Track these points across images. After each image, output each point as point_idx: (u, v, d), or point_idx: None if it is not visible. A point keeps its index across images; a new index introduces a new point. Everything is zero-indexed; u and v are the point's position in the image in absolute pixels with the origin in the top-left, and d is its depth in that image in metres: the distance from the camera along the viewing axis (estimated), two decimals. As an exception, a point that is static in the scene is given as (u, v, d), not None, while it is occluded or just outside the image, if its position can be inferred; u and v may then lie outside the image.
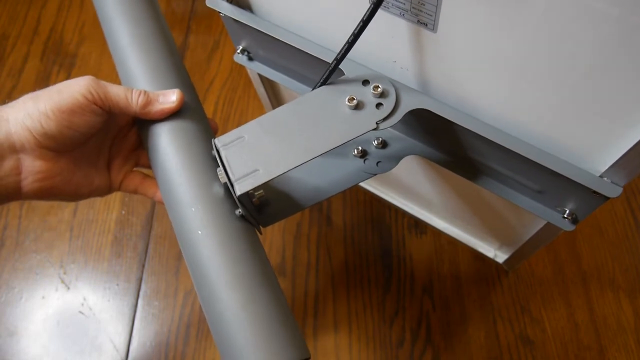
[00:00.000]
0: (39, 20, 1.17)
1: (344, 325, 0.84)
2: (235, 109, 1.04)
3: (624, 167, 0.42)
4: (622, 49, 0.34)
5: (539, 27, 0.36)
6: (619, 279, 0.84)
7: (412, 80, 0.51)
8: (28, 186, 0.45)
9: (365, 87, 0.48)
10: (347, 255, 0.89)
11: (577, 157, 0.46)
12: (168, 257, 0.90)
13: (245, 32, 0.60)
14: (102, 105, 0.45)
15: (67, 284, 0.89)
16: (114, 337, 0.84)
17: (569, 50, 0.37)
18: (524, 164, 0.49)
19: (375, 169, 0.56)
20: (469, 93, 0.48)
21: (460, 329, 0.82)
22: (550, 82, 0.40)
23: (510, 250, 0.80)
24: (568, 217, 0.53)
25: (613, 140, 0.41)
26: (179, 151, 0.47)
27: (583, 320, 0.82)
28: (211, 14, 1.14)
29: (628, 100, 0.38)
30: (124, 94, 0.46)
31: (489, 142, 0.49)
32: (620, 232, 0.88)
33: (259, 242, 0.48)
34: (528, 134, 0.47)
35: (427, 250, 0.89)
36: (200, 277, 0.44)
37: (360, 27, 0.43)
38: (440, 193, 0.76)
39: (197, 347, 0.83)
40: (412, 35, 0.45)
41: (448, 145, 0.56)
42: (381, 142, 0.58)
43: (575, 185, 0.46)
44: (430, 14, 0.41)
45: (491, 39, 0.40)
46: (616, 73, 0.36)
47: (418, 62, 0.48)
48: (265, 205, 0.54)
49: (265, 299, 0.43)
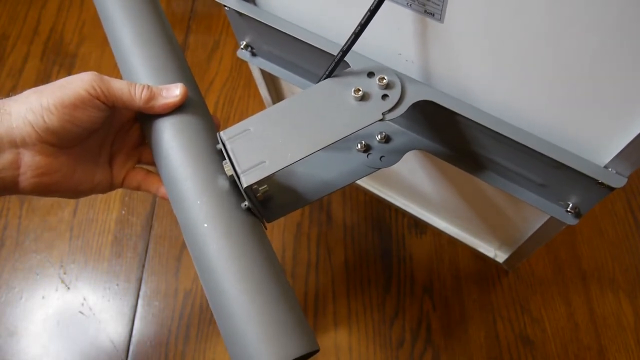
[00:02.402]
0: (39, 20, 1.17)
1: (344, 325, 0.83)
2: (235, 109, 1.04)
3: (629, 157, 0.43)
4: (628, 37, 0.35)
5: (547, 14, 0.37)
6: (619, 279, 0.84)
7: (417, 73, 0.52)
8: (26, 181, 0.44)
9: (371, 79, 0.48)
10: (347, 255, 0.89)
11: (582, 148, 0.46)
12: (168, 257, 0.90)
13: (249, 26, 0.60)
14: (105, 100, 0.45)
15: (67, 284, 0.88)
16: (114, 337, 0.84)
17: (576, 37, 0.37)
18: (528, 156, 0.49)
19: (379, 164, 0.56)
20: (474, 84, 0.48)
21: (460, 329, 0.82)
22: (556, 71, 0.41)
23: (510, 249, 0.80)
24: (571, 210, 0.53)
25: (618, 130, 0.42)
26: (183, 145, 0.47)
27: (583, 320, 0.82)
28: (211, 14, 1.14)
29: (633, 89, 0.38)
30: (127, 88, 0.46)
31: (493, 134, 0.49)
32: (620, 232, 0.88)
33: (265, 235, 0.48)
34: (533, 125, 0.47)
35: (427, 250, 0.89)
36: (206, 271, 0.44)
37: (367, 17, 0.43)
38: (441, 191, 0.77)
39: (197, 347, 0.83)
40: (418, 26, 0.46)
41: (451, 139, 0.56)
42: (384, 136, 0.58)
43: (579, 176, 0.46)
44: (438, 3, 0.41)
45: (499, 28, 0.40)
46: (622, 62, 0.37)
47: (424, 54, 0.49)
48: (269, 200, 0.54)
49: (273, 291, 0.43)
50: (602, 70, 0.38)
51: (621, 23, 0.34)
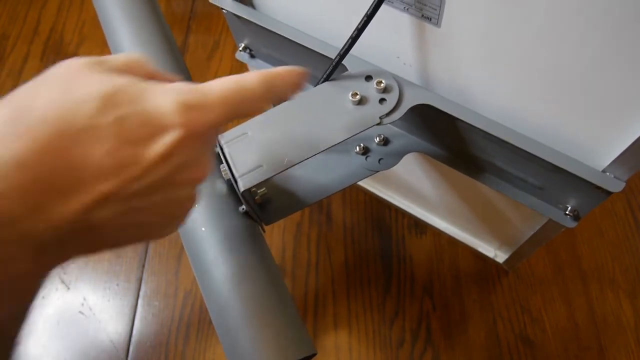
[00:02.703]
0: (39, 20, 1.17)
1: (344, 326, 0.83)
2: (235, 110, 1.04)
3: (627, 161, 0.43)
4: (626, 42, 0.35)
5: (544, 20, 0.37)
6: (619, 279, 0.84)
7: (415, 76, 0.52)
8: None
9: (369, 82, 0.48)
10: (347, 255, 0.89)
11: (580, 152, 0.46)
12: (168, 257, 0.90)
13: (247, 29, 0.60)
14: None
15: (67, 284, 0.88)
16: (114, 337, 0.84)
17: (574, 43, 0.37)
18: (526, 160, 0.49)
19: (377, 166, 0.56)
20: (472, 88, 0.48)
21: (460, 329, 0.82)
22: (554, 76, 0.41)
23: (510, 249, 0.80)
24: (570, 213, 0.53)
25: (616, 134, 0.42)
26: None
27: (583, 320, 0.82)
28: (211, 14, 1.14)
29: (631, 93, 0.38)
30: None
31: (491, 138, 0.49)
32: (620, 233, 0.88)
33: (262, 238, 0.48)
34: (531, 129, 0.47)
35: (427, 250, 0.89)
36: (204, 274, 0.44)
37: (364, 21, 0.43)
38: (441, 192, 0.76)
39: (197, 347, 0.83)
40: (415, 30, 0.45)
41: (450, 142, 0.56)
42: (383, 139, 0.58)
43: (577, 180, 0.46)
44: (435, 7, 0.41)
45: (496, 32, 0.40)
46: (619, 66, 0.37)
47: (421, 58, 0.48)
48: (268, 203, 0.54)
49: (269, 295, 0.43)
50: (600, 75, 0.38)
51: (619, 29, 0.34)
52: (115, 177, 0.26)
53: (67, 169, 0.25)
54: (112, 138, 0.26)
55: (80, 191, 0.25)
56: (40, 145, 0.24)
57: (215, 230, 0.45)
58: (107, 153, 0.26)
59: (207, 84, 0.30)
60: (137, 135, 0.27)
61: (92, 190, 0.26)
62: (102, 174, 0.26)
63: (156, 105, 0.27)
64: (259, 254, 0.45)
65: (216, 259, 0.44)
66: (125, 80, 0.28)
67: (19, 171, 0.24)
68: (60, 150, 0.25)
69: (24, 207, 0.24)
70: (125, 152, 0.26)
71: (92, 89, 0.26)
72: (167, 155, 0.27)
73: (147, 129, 0.27)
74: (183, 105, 0.28)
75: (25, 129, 0.25)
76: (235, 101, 0.31)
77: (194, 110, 0.28)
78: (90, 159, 0.25)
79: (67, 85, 0.27)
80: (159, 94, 0.28)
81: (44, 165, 0.24)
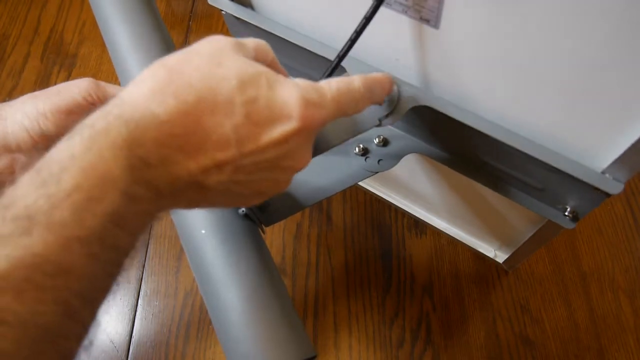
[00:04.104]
0: (39, 21, 1.17)
1: (344, 326, 0.83)
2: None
3: (626, 163, 0.42)
4: (625, 44, 0.35)
5: (542, 22, 0.37)
6: (619, 279, 0.84)
7: (414, 78, 0.52)
8: None
9: (368, 84, 0.48)
10: (347, 255, 0.89)
11: (579, 154, 0.46)
12: (168, 257, 0.90)
13: (246, 31, 0.60)
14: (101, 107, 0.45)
15: (67, 284, 0.88)
16: (114, 337, 0.84)
17: (572, 46, 0.37)
18: (525, 161, 0.49)
19: (377, 167, 0.56)
20: (470, 90, 0.48)
21: (460, 329, 0.82)
22: (553, 78, 0.41)
23: (510, 250, 0.80)
24: (569, 214, 0.53)
25: (615, 136, 0.42)
26: None
27: (583, 320, 0.82)
28: (211, 14, 1.14)
29: (630, 95, 0.38)
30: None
31: (490, 139, 0.49)
32: (620, 233, 0.88)
33: (262, 240, 0.48)
34: (530, 130, 0.47)
35: (427, 250, 0.89)
36: (204, 276, 0.44)
37: (362, 24, 0.43)
38: (441, 192, 0.77)
39: (197, 347, 0.83)
40: (414, 32, 0.46)
41: (449, 143, 0.56)
42: (382, 140, 0.58)
43: (576, 182, 0.46)
44: (433, 10, 0.41)
45: (494, 35, 0.40)
46: (618, 68, 0.37)
47: (420, 60, 0.48)
48: (267, 204, 0.54)
49: (269, 298, 0.43)
50: (599, 77, 0.38)
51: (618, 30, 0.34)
52: (233, 149, 0.30)
53: (197, 133, 0.29)
54: (241, 115, 0.30)
55: (203, 154, 0.30)
56: (184, 108, 0.29)
57: (215, 233, 0.45)
58: (233, 127, 0.30)
59: (324, 83, 0.35)
60: (261, 118, 0.31)
61: (212, 155, 0.30)
62: (224, 144, 0.30)
63: (283, 96, 0.32)
64: (259, 256, 0.45)
65: (216, 260, 0.44)
66: (262, 68, 0.32)
67: (162, 125, 0.28)
68: (197, 116, 0.29)
69: (157, 157, 0.28)
70: (247, 129, 0.30)
71: (235, 70, 0.31)
72: (282, 141, 0.32)
73: (271, 115, 0.31)
74: (305, 101, 0.32)
75: (174, 89, 0.29)
76: (346, 101, 0.36)
77: (313, 106, 0.32)
78: (219, 129, 0.30)
79: (215, 60, 0.31)
80: (287, 87, 0.32)
81: (181, 125, 0.29)
